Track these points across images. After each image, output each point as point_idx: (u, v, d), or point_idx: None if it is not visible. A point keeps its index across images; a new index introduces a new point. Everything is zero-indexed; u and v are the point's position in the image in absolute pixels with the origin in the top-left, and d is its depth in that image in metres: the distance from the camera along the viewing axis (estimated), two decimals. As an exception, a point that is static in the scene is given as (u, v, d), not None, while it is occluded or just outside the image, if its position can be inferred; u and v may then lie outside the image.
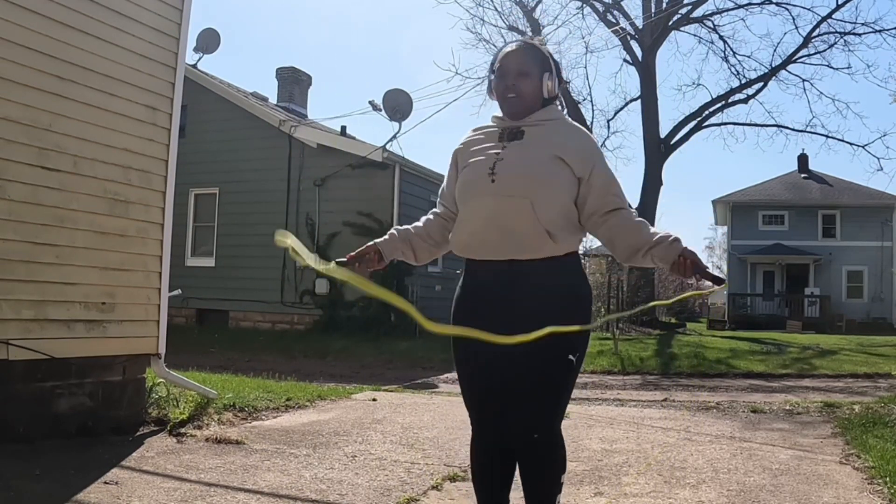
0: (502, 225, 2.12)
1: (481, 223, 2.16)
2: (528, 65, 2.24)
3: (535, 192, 2.11)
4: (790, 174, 34.05)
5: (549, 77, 2.25)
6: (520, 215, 2.11)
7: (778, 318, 27.95)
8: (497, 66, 2.29)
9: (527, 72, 2.23)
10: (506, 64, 2.26)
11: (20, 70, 3.79)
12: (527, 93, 2.23)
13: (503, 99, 2.26)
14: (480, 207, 2.17)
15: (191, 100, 11.24)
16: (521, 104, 2.24)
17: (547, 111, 2.27)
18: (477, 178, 2.19)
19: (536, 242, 2.11)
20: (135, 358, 4.49)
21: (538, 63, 2.26)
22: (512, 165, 2.16)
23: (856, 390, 8.51)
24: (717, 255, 51.08)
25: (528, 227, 2.10)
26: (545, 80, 2.25)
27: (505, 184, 2.14)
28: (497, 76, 2.28)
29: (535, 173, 2.13)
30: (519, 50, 2.28)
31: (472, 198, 2.20)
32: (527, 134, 2.23)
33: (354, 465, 3.78)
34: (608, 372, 10.42)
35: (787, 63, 22.51)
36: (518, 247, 2.12)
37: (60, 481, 3.18)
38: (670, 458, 4.15)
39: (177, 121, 4.77)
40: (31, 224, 3.86)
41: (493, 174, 2.16)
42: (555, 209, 2.13)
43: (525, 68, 2.24)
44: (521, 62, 2.24)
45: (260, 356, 10.77)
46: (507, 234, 2.12)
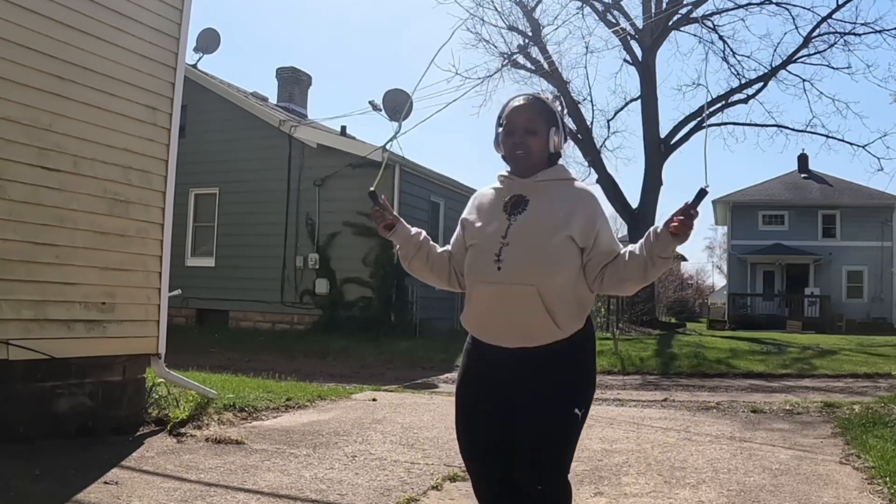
0: (509, 312, 2.15)
1: (488, 310, 2.20)
2: (536, 122, 2.25)
3: (540, 280, 2.13)
4: (790, 174, 34.04)
5: (555, 132, 2.26)
6: (526, 303, 2.12)
7: (778, 318, 27.94)
8: (504, 121, 2.29)
9: (534, 129, 2.24)
10: (513, 120, 2.26)
11: (20, 70, 3.79)
12: (535, 150, 2.24)
13: (511, 156, 2.27)
14: (486, 294, 2.20)
15: (191, 100, 11.23)
16: (528, 161, 2.25)
17: (553, 171, 2.28)
18: (483, 263, 2.20)
19: (542, 330, 2.13)
20: (135, 358, 4.49)
21: (545, 119, 2.26)
22: (517, 252, 2.16)
23: (856, 390, 8.51)
24: (717, 255, 51.18)
25: (534, 314, 2.12)
26: (552, 136, 2.25)
27: (511, 271, 2.15)
28: (505, 132, 2.28)
29: (540, 260, 2.14)
30: (526, 106, 2.28)
31: (480, 284, 2.22)
32: (531, 205, 2.22)
33: (354, 465, 3.78)
34: (608, 372, 10.41)
35: (787, 63, 22.50)
36: (524, 335, 2.14)
37: (60, 481, 3.18)
38: (670, 458, 4.15)
39: (177, 121, 4.77)
40: (31, 224, 3.86)
41: (499, 261, 2.17)
42: (561, 293, 2.15)
43: (533, 126, 2.24)
44: (529, 119, 2.25)
45: (260, 356, 10.77)
46: (513, 322, 2.15)
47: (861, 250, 30.32)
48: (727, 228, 33.70)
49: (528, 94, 2.36)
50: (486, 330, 2.22)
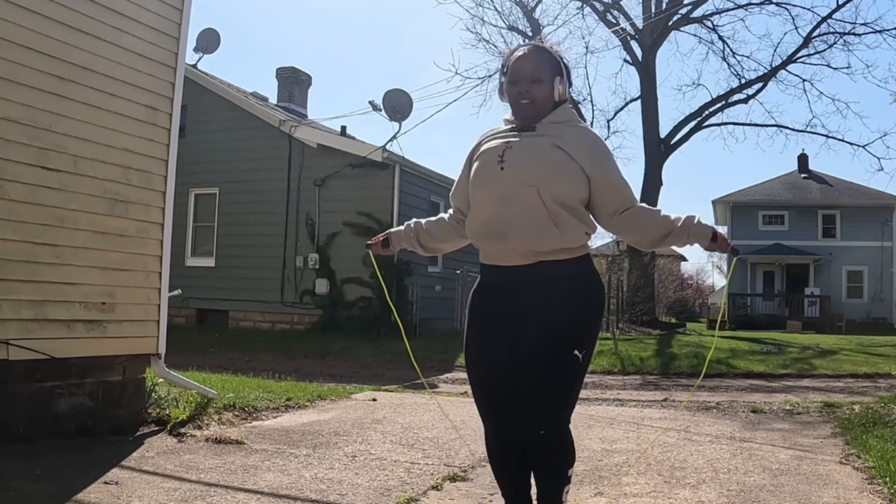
0: (510, 213, 2.18)
1: (491, 213, 2.22)
2: (541, 70, 2.27)
3: (541, 180, 2.16)
4: (790, 174, 34.05)
5: (560, 81, 2.28)
6: (527, 202, 2.16)
7: (778, 318, 27.96)
8: (509, 69, 2.31)
9: (540, 78, 2.26)
10: (518, 69, 2.29)
11: (20, 70, 3.78)
12: (540, 98, 2.27)
13: (516, 104, 2.30)
14: (490, 194, 2.23)
15: (191, 100, 11.24)
16: (534, 110, 2.28)
17: (559, 113, 2.31)
18: (487, 165, 2.26)
19: (541, 228, 2.16)
20: (135, 358, 4.49)
21: (550, 68, 2.29)
22: (520, 153, 2.21)
23: (856, 390, 8.51)
24: (717, 255, 51.14)
25: (535, 213, 2.15)
26: (556, 84, 2.28)
27: (512, 171, 2.19)
28: (509, 81, 2.31)
29: (541, 161, 2.18)
30: (531, 54, 2.30)
31: (483, 185, 2.26)
32: (539, 129, 2.27)
33: (354, 465, 3.78)
34: (608, 372, 10.42)
35: (787, 63, 22.52)
36: (524, 232, 2.17)
37: (60, 481, 3.18)
38: (670, 458, 4.15)
39: (177, 121, 4.77)
40: (31, 224, 3.86)
41: (501, 161, 2.22)
42: (561, 198, 2.17)
43: (538, 74, 2.27)
44: (534, 68, 2.27)
45: (260, 356, 10.77)
46: (515, 223, 2.17)
47: (861, 250, 30.33)
48: (727, 228, 33.66)
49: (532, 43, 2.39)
50: (489, 232, 2.24)
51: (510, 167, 2.21)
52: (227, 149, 14.88)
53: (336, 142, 14.68)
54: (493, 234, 2.24)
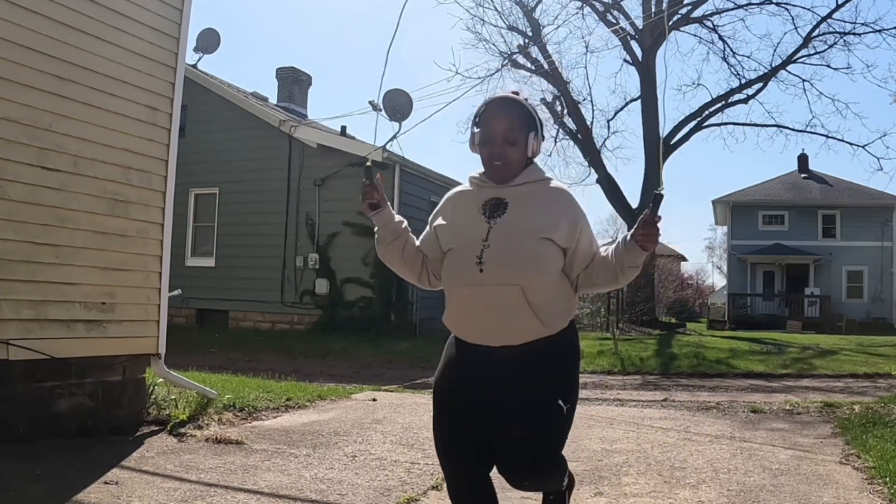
0: (493, 313, 2.11)
1: (471, 311, 2.15)
2: (516, 130, 2.17)
3: (525, 279, 2.09)
4: (790, 174, 34.05)
5: (534, 137, 2.19)
6: (510, 303, 2.09)
7: (778, 318, 27.95)
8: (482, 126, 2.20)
9: (514, 140, 2.16)
10: (492, 129, 2.18)
11: (20, 70, 3.79)
12: (514, 160, 2.18)
13: (490, 166, 2.21)
14: (468, 296, 2.14)
15: (191, 100, 11.23)
16: (507, 171, 2.19)
17: (529, 172, 2.22)
18: (464, 266, 2.14)
19: (528, 329, 2.10)
20: (135, 358, 4.49)
21: (524, 126, 2.18)
22: (499, 253, 2.10)
23: (856, 390, 8.51)
24: (717, 255, 51.15)
25: (519, 314, 2.09)
26: (531, 141, 2.19)
27: (494, 273, 2.09)
28: (483, 139, 2.20)
29: (524, 261, 2.09)
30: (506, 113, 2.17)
31: (460, 286, 2.16)
32: (510, 207, 2.16)
33: (354, 465, 3.78)
34: (608, 372, 10.41)
35: (786, 63, 22.50)
36: (509, 334, 2.11)
37: (60, 481, 3.18)
38: (670, 458, 4.15)
39: (177, 121, 4.77)
40: (32, 224, 3.86)
41: (480, 263, 2.10)
42: (546, 292, 2.12)
43: (512, 136, 2.16)
44: (509, 129, 2.16)
45: (260, 356, 10.77)
46: (497, 323, 2.11)
47: (861, 250, 30.32)
48: (727, 228, 33.69)
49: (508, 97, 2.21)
50: (469, 330, 2.18)
51: (490, 268, 2.09)
52: (227, 149, 14.88)
53: (336, 142, 14.68)
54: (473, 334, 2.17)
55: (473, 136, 2.23)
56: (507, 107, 2.19)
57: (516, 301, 2.08)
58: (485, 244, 2.12)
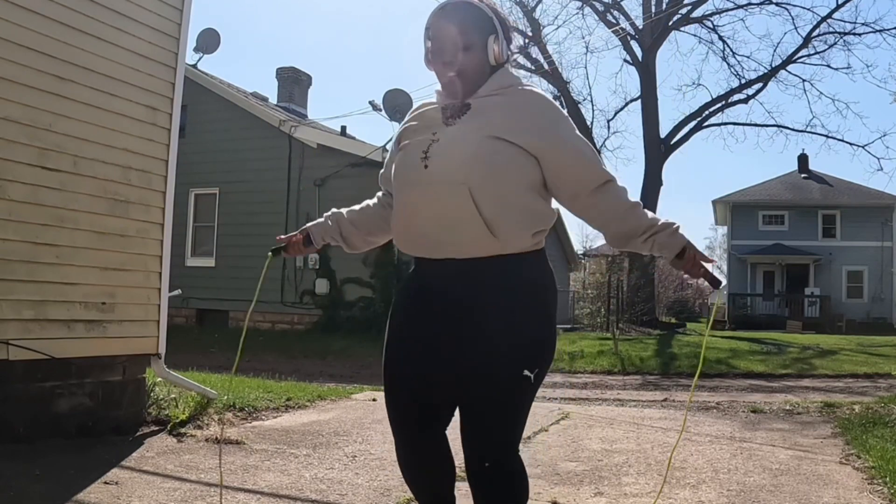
0: (437, 216, 1.81)
1: (414, 215, 1.86)
2: (468, 34, 1.84)
3: (473, 177, 1.78)
4: (790, 174, 34.08)
5: (494, 40, 1.86)
6: (456, 204, 1.78)
7: (778, 318, 27.97)
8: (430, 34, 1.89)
9: (468, 44, 1.84)
10: (441, 35, 1.86)
11: (20, 70, 3.78)
12: (471, 69, 1.86)
13: (443, 79, 1.90)
14: (412, 197, 1.86)
15: (191, 100, 11.23)
16: (465, 83, 1.88)
17: (497, 79, 1.89)
18: (409, 164, 1.88)
19: (475, 237, 1.79)
20: (135, 358, 4.49)
21: (479, 27, 1.85)
22: (447, 147, 1.83)
23: (856, 390, 8.51)
24: (717, 255, 51.13)
25: (466, 218, 1.78)
26: (490, 45, 1.85)
27: (439, 168, 1.81)
28: (433, 49, 1.89)
29: (473, 154, 1.79)
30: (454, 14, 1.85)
31: (404, 187, 1.89)
32: (472, 109, 1.87)
33: (354, 465, 3.78)
34: (608, 372, 10.42)
35: (786, 63, 22.54)
36: (455, 242, 1.81)
37: (60, 481, 3.18)
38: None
39: (177, 121, 4.77)
40: (31, 224, 3.86)
41: (426, 158, 1.83)
42: (501, 197, 1.79)
43: (465, 40, 1.84)
44: (460, 32, 1.84)
45: (260, 356, 10.76)
46: (442, 227, 1.81)
47: (861, 250, 30.35)
48: (727, 228, 33.72)
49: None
50: (411, 240, 1.91)
51: (435, 163, 1.82)
52: (227, 149, 14.89)
53: (336, 142, 14.69)
54: (418, 246, 1.90)
55: (426, 51, 1.92)
56: (456, 9, 1.86)
57: (462, 203, 1.77)
58: (434, 139, 1.85)
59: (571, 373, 10.40)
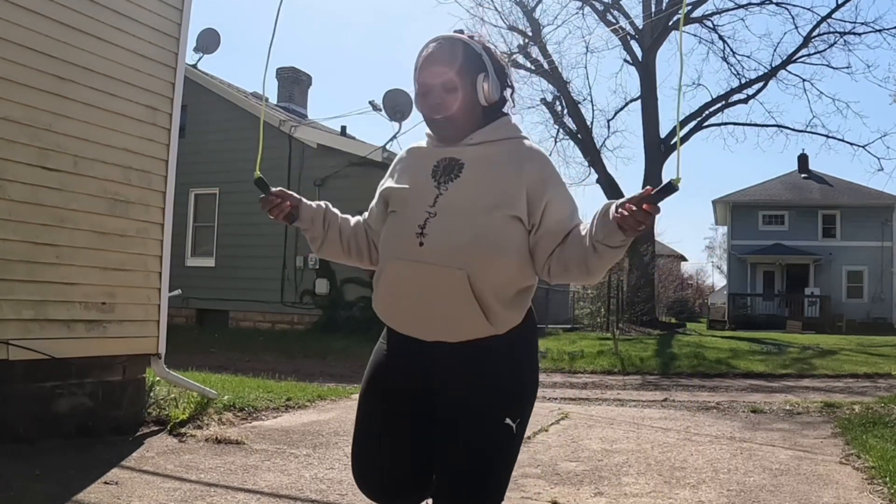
0: (428, 298, 1.69)
1: (403, 294, 1.74)
2: (454, 75, 1.74)
3: (473, 264, 1.66)
4: (790, 174, 34.08)
5: (484, 79, 1.76)
6: (451, 290, 1.66)
7: (778, 318, 27.97)
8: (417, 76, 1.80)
9: (454, 86, 1.74)
10: (426, 79, 1.77)
11: (20, 70, 3.78)
12: (458, 111, 1.75)
13: (430, 122, 1.80)
14: (403, 274, 1.72)
15: (191, 100, 11.23)
16: (453, 127, 1.77)
17: (495, 128, 1.80)
18: (402, 236, 1.73)
19: (468, 324, 1.68)
20: (135, 358, 4.49)
21: (468, 66, 1.75)
22: (447, 227, 1.68)
23: (856, 390, 8.51)
24: (717, 255, 51.18)
25: (460, 305, 1.66)
26: (480, 84, 1.76)
27: (436, 250, 1.67)
28: (418, 92, 1.80)
29: (476, 241, 1.66)
30: (439, 55, 1.76)
31: (395, 261, 1.74)
32: (466, 170, 1.74)
33: (354, 465, 3.77)
34: (608, 372, 10.42)
35: (787, 63, 22.54)
36: (445, 327, 1.70)
37: (60, 481, 3.18)
38: (670, 458, 4.15)
39: (177, 121, 4.77)
40: (32, 224, 3.86)
41: (422, 234, 1.69)
42: (499, 282, 1.68)
43: (451, 81, 1.74)
44: (444, 72, 1.74)
45: (260, 356, 10.77)
46: (432, 311, 1.70)
47: (861, 250, 30.34)
48: (727, 228, 33.72)
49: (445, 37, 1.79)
50: (399, 317, 1.77)
51: (432, 242, 1.67)
52: (227, 149, 14.88)
53: (336, 142, 14.68)
54: (404, 325, 1.76)
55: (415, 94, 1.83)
56: (443, 48, 1.76)
57: (458, 289, 1.65)
58: (430, 213, 1.71)
59: (571, 373, 10.41)
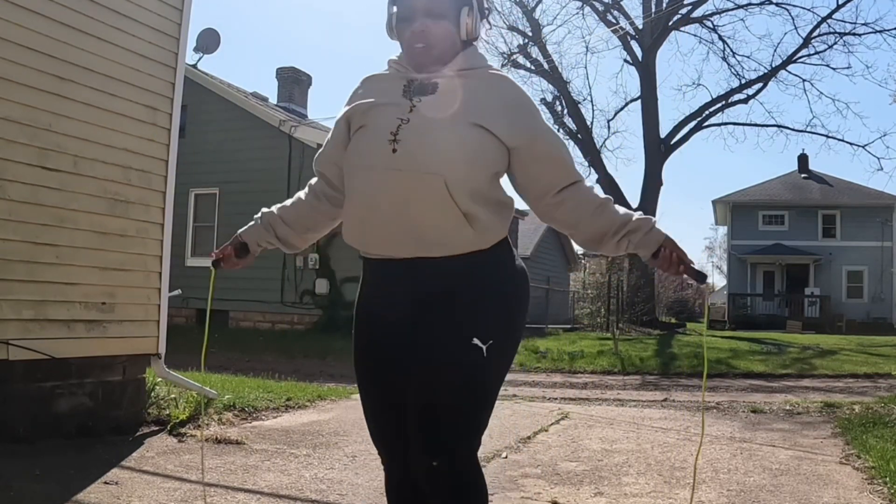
0: (406, 210, 1.60)
1: (375, 206, 1.63)
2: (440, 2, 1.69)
3: (451, 168, 1.59)
4: (790, 174, 34.09)
5: (468, 13, 1.71)
6: (430, 197, 1.58)
7: (778, 318, 27.97)
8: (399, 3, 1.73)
9: (440, 12, 1.68)
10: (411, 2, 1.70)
11: (20, 70, 3.78)
12: (439, 39, 1.69)
13: (409, 49, 1.72)
14: (373, 184, 1.63)
15: (191, 100, 11.22)
16: (431, 55, 1.70)
17: (466, 58, 1.74)
18: (373, 145, 1.65)
19: (452, 233, 1.61)
20: (135, 358, 4.49)
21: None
22: (421, 130, 1.62)
23: (856, 390, 8.51)
24: (717, 255, 51.20)
25: (441, 213, 1.59)
26: (463, 17, 1.70)
27: (411, 155, 1.60)
28: (399, 16, 1.72)
29: (452, 146, 1.60)
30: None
31: (363, 171, 1.66)
32: (441, 88, 1.69)
33: (354, 465, 3.78)
34: (608, 372, 10.42)
35: (786, 63, 22.55)
36: (428, 240, 1.61)
37: (60, 481, 3.18)
38: (670, 458, 4.15)
39: (177, 121, 4.77)
40: (32, 224, 3.86)
41: (395, 141, 1.62)
42: (476, 190, 1.62)
43: (437, 8, 1.68)
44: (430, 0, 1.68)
45: (260, 356, 10.77)
46: (412, 223, 1.60)
47: (861, 250, 30.36)
48: (727, 228, 33.73)
49: None
50: (372, 235, 1.67)
51: (407, 148, 1.60)
52: (227, 149, 14.88)
53: (336, 142, 14.69)
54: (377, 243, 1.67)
55: (391, 17, 1.75)
56: None
57: (438, 196, 1.57)
58: (403, 119, 1.64)
59: (571, 373, 10.41)
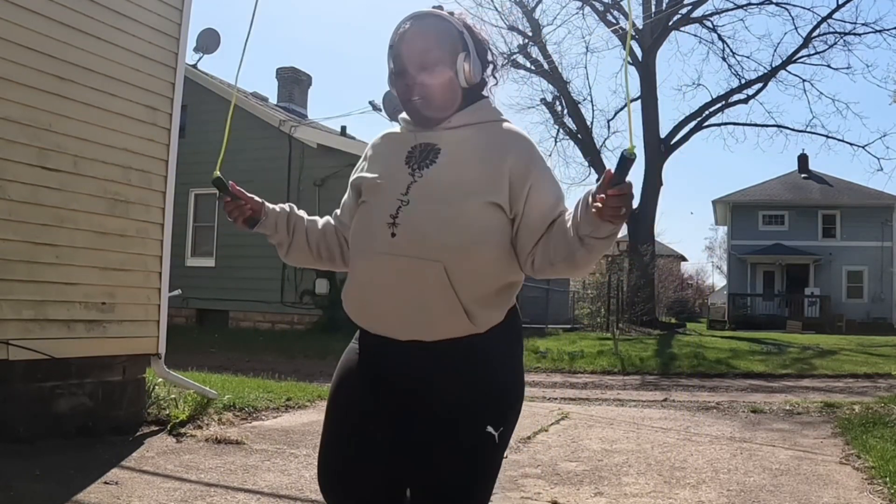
0: (402, 293, 1.53)
1: (374, 291, 1.58)
2: (433, 52, 1.60)
3: (451, 255, 1.50)
4: (790, 174, 34.08)
5: (465, 58, 1.61)
6: (427, 284, 1.50)
7: (778, 318, 27.97)
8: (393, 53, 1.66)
9: (432, 64, 1.60)
10: (402, 55, 1.63)
11: (20, 70, 3.78)
12: (437, 92, 1.61)
13: (406, 104, 1.66)
14: (373, 269, 1.57)
15: (191, 100, 11.23)
16: (429, 107, 1.63)
17: (474, 111, 1.66)
18: (372, 227, 1.58)
19: (447, 321, 1.52)
20: (135, 358, 4.49)
21: (447, 44, 1.62)
22: (421, 215, 1.53)
23: (856, 390, 8.50)
24: (717, 255, 51.18)
25: (438, 300, 1.51)
26: (461, 64, 1.61)
27: (409, 240, 1.52)
28: (395, 71, 1.66)
29: (452, 229, 1.51)
30: (418, 31, 1.62)
31: (364, 254, 1.59)
32: (442, 156, 1.60)
33: (354, 465, 3.77)
34: (608, 372, 10.42)
35: (786, 63, 22.55)
36: (421, 324, 1.54)
37: (60, 481, 3.18)
38: (670, 458, 4.15)
39: (177, 121, 4.77)
40: (32, 224, 3.86)
41: (394, 224, 1.54)
42: (479, 275, 1.53)
43: (428, 59, 1.60)
44: (423, 50, 1.60)
45: (260, 356, 10.76)
46: (407, 307, 1.53)
47: (861, 250, 30.36)
48: (727, 228, 33.73)
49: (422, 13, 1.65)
50: (369, 315, 1.61)
51: (405, 233, 1.52)
52: (228, 149, 14.85)
53: (336, 142, 14.68)
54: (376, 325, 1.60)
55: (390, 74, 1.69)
56: (421, 25, 1.63)
57: (435, 283, 1.50)
58: (402, 200, 1.56)
59: (571, 373, 10.41)
